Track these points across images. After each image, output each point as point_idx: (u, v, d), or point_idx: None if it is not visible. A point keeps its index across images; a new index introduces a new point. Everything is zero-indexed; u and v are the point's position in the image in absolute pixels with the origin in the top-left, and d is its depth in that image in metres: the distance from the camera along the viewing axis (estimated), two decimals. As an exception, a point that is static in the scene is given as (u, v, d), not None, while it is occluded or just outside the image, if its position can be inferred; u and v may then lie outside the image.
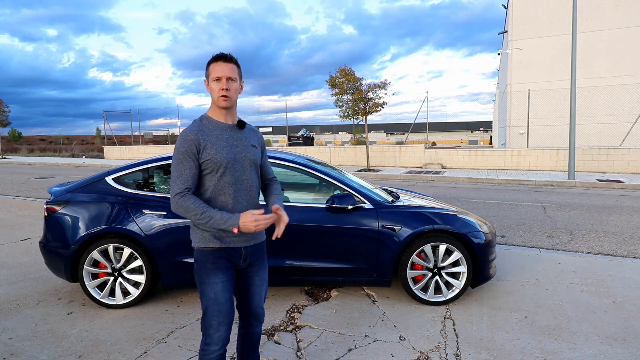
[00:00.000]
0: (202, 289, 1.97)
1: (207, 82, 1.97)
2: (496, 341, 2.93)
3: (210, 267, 1.95)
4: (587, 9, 17.82)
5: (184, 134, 1.91)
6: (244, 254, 2.02)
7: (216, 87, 1.91)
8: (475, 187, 11.49)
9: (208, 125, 1.95)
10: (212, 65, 1.93)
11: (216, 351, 1.96)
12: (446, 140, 52.66)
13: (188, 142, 1.88)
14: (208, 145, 1.90)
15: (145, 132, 29.63)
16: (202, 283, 1.97)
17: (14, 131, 43.15)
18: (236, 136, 1.99)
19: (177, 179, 1.87)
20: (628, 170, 13.81)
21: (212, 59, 1.93)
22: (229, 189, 1.94)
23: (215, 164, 1.90)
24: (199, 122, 1.96)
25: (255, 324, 2.17)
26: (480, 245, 3.53)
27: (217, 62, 1.91)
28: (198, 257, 1.98)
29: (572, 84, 12.10)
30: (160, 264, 3.44)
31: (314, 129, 44.81)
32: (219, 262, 1.96)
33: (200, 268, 1.97)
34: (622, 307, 3.46)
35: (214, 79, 1.91)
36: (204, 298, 1.97)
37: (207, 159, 1.89)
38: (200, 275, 1.98)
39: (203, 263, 1.96)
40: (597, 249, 5.37)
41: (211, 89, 1.93)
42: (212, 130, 1.94)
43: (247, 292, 2.11)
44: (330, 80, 15.87)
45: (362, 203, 3.56)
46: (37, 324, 3.22)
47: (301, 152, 16.43)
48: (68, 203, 3.56)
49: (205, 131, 1.92)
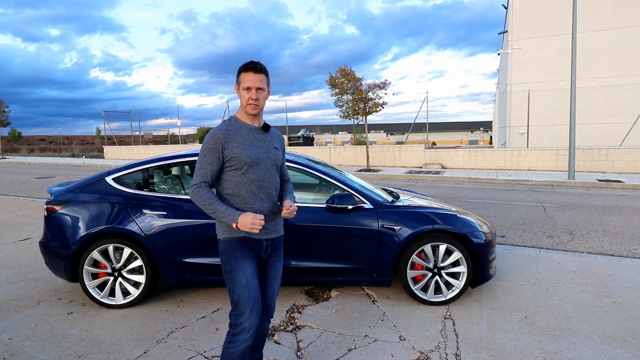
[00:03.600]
0: (232, 277, 2.04)
1: (237, 88, 2.10)
2: (496, 341, 2.93)
3: (239, 254, 2.05)
4: (587, 9, 17.82)
5: (213, 132, 2.05)
6: (264, 245, 2.15)
7: (246, 96, 2.04)
8: (475, 187, 11.49)
9: (236, 125, 2.10)
10: (243, 74, 2.04)
11: (247, 340, 2.01)
12: (446, 140, 52.67)
13: (215, 140, 2.03)
14: (234, 145, 2.04)
15: (145, 132, 29.65)
16: (232, 271, 2.04)
17: (14, 131, 43.15)
18: (261, 138, 2.14)
19: (197, 172, 2.05)
20: (628, 170, 13.81)
21: (244, 68, 2.04)
22: (251, 185, 2.08)
23: (240, 161, 2.04)
24: (227, 123, 2.11)
25: (266, 317, 2.24)
26: (480, 246, 3.53)
27: (248, 73, 2.03)
28: (225, 248, 2.08)
29: (572, 84, 12.10)
30: (160, 264, 3.44)
31: (314, 129, 44.84)
32: (245, 249, 2.08)
33: (228, 257, 2.06)
34: (622, 307, 3.46)
35: (244, 87, 2.04)
36: (235, 286, 2.03)
37: (233, 156, 2.04)
38: (229, 264, 2.05)
39: (232, 251, 2.06)
40: (597, 249, 5.37)
41: (241, 95, 2.07)
42: (239, 131, 2.09)
43: (263, 283, 2.19)
44: (330, 80, 15.87)
45: (362, 203, 3.56)
46: (37, 324, 3.22)
47: (301, 152, 16.43)
48: (68, 203, 3.56)
49: (232, 131, 2.07)
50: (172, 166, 3.84)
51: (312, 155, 12.80)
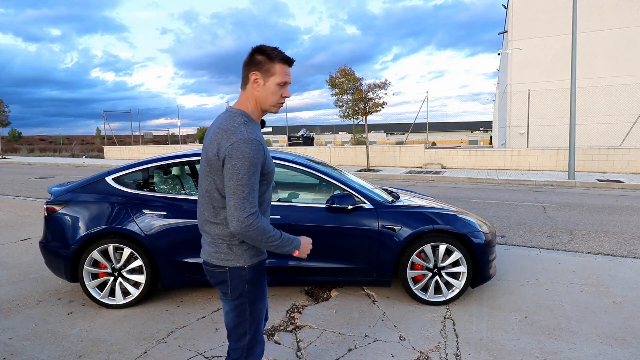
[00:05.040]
0: (254, 308, 1.74)
1: (260, 78, 1.64)
2: (496, 341, 2.93)
3: (263, 280, 1.79)
4: (587, 9, 17.83)
5: (257, 142, 1.56)
6: None
7: (278, 92, 1.66)
8: (475, 187, 11.49)
9: (254, 127, 1.65)
10: (280, 65, 1.65)
11: None
12: (446, 140, 52.69)
13: (261, 151, 1.57)
14: (268, 154, 1.64)
15: (145, 132, 29.67)
16: (255, 301, 1.74)
17: (14, 131, 43.20)
18: None
19: (249, 195, 1.54)
20: (628, 170, 13.81)
21: (284, 58, 1.65)
22: (269, 197, 1.77)
23: (270, 174, 1.68)
24: (251, 124, 1.64)
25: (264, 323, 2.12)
26: (480, 246, 3.53)
27: (286, 66, 1.66)
28: (251, 276, 1.71)
29: (572, 84, 12.10)
30: (160, 264, 3.44)
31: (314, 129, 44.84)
32: (265, 272, 1.81)
33: (254, 286, 1.73)
34: (622, 307, 3.47)
35: (279, 82, 1.65)
36: (257, 317, 1.75)
37: (270, 169, 1.66)
38: (253, 293, 1.73)
39: (258, 278, 1.74)
40: (597, 249, 5.37)
41: (269, 90, 1.65)
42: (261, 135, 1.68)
43: None
44: (330, 80, 15.87)
45: (362, 203, 3.56)
46: (37, 324, 3.22)
47: (301, 152, 16.44)
48: (68, 203, 3.56)
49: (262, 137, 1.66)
50: (172, 166, 3.84)
51: (312, 155, 12.80)
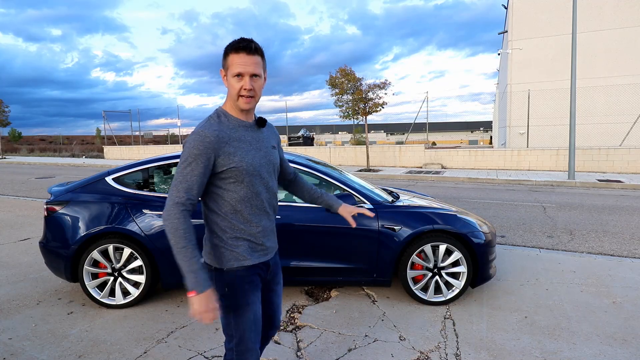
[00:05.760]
0: (238, 314, 1.65)
1: (224, 74, 1.61)
2: (496, 341, 2.93)
3: (248, 288, 1.67)
4: (587, 9, 17.83)
5: (202, 134, 1.53)
6: (271, 265, 1.81)
7: (237, 85, 1.56)
8: (475, 187, 11.49)
9: (228, 124, 1.61)
10: (232, 55, 1.55)
11: None
12: (446, 140, 52.70)
13: (206, 144, 1.53)
14: (231, 150, 1.58)
15: (145, 132, 29.65)
16: (238, 308, 1.65)
17: (14, 131, 43.24)
18: (258, 137, 1.69)
19: (180, 184, 1.52)
20: (628, 170, 13.81)
21: (233, 47, 1.55)
22: (256, 200, 1.66)
23: (240, 172, 1.59)
24: (217, 120, 1.61)
25: (274, 332, 2.01)
26: (480, 245, 3.53)
27: (239, 54, 1.54)
28: (231, 280, 1.65)
29: (572, 84, 12.10)
30: (160, 264, 3.44)
31: (314, 129, 44.81)
32: (254, 279, 1.70)
33: (235, 292, 1.65)
34: (622, 307, 3.47)
35: (234, 73, 1.55)
36: (241, 323, 1.66)
37: (232, 166, 1.58)
38: (235, 300, 1.65)
39: (239, 285, 1.65)
40: (597, 249, 5.37)
41: (230, 84, 1.58)
42: (234, 131, 1.61)
43: (271, 304, 1.90)
44: (330, 80, 15.87)
45: (362, 203, 3.56)
46: (37, 324, 3.22)
47: (301, 152, 16.43)
48: (68, 203, 3.56)
49: (226, 132, 1.59)
50: (172, 166, 3.84)
51: (312, 155, 12.80)
